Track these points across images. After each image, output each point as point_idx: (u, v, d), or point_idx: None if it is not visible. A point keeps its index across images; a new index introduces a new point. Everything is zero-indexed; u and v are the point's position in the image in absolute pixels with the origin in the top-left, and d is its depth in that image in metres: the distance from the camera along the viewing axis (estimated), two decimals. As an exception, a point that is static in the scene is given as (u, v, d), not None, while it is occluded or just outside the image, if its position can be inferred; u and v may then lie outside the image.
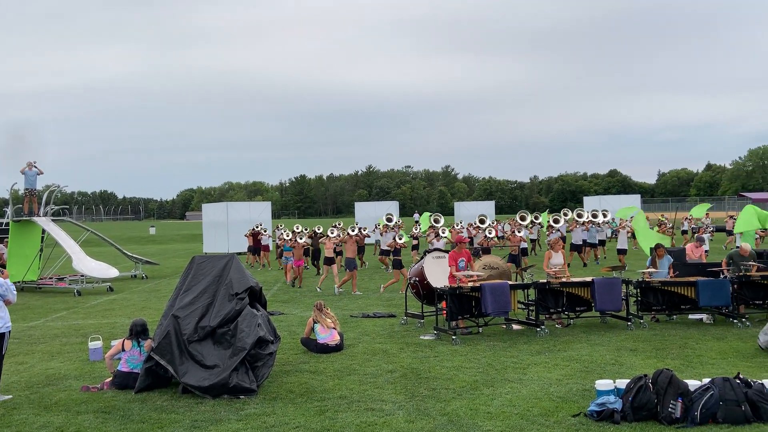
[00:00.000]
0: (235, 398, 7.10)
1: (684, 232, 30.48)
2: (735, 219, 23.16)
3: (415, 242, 22.62)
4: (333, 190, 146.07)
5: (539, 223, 27.90)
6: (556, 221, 24.47)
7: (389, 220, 25.10)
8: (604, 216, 24.79)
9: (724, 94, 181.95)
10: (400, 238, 17.49)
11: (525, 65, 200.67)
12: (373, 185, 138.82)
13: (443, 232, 19.95)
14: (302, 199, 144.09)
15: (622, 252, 20.83)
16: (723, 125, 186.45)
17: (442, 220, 24.05)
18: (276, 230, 28.11)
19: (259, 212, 34.64)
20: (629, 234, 22.10)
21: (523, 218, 24.58)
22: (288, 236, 19.22)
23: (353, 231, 17.85)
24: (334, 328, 9.41)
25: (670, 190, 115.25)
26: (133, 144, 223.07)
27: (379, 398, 6.95)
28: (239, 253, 29.72)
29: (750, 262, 11.11)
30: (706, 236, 22.62)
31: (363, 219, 36.93)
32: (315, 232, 22.26)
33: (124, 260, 23.67)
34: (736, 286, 10.75)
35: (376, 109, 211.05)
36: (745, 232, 18.03)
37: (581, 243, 22.01)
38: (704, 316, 11.04)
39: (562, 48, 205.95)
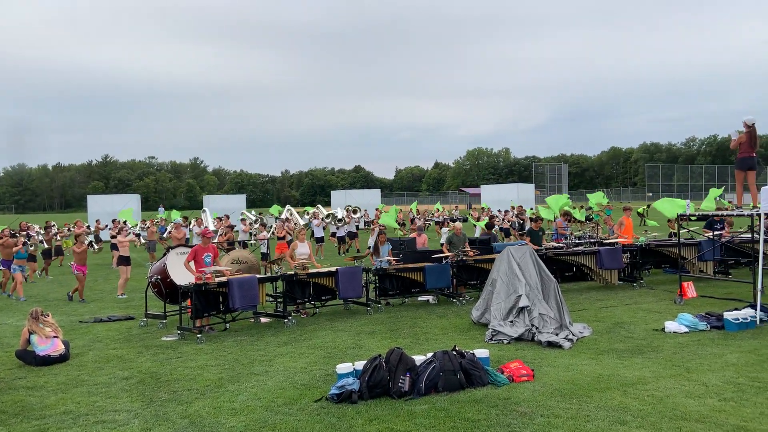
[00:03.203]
0: None
1: (438, 223, 34.36)
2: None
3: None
4: (61, 181, 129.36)
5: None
6: (316, 214, 25.60)
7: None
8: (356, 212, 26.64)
9: (451, 100, 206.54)
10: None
11: (280, 60, 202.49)
12: (110, 177, 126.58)
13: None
14: (21, 191, 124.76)
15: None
16: (448, 128, 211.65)
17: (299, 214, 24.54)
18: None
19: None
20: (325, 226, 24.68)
21: (355, 211, 25.70)
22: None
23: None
24: (56, 337, 8.32)
25: (406, 185, 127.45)
26: None
27: (111, 409, 6.35)
28: None
29: (467, 246, 12.80)
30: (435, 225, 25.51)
31: (98, 213, 33.56)
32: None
33: None
34: (455, 269, 12.30)
35: (114, 94, 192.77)
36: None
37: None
38: (430, 298, 12.41)
39: (316, 46, 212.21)
